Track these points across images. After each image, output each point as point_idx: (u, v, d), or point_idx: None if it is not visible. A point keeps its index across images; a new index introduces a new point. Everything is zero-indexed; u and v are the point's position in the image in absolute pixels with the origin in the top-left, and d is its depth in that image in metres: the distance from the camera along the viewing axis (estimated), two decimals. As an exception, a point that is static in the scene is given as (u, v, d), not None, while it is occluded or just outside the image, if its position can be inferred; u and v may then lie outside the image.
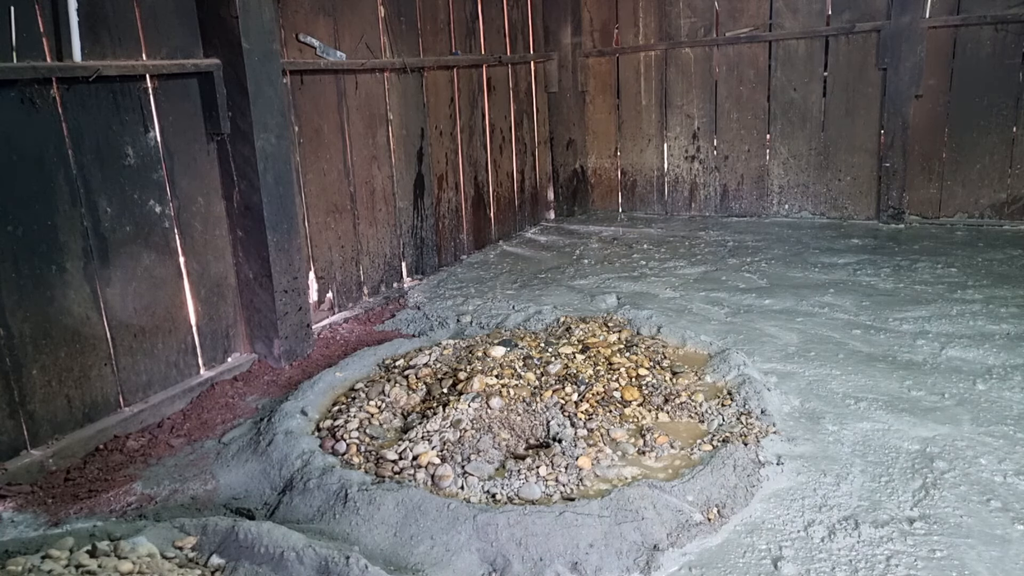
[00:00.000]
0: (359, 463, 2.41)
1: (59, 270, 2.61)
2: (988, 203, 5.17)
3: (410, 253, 4.62)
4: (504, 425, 2.53)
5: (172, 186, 3.02)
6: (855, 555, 1.96)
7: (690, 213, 6.21)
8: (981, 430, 2.53)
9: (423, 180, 4.66)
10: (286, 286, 3.35)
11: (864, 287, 4.06)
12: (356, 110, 4.05)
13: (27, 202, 2.51)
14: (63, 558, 1.73)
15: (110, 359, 2.80)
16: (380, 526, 2.07)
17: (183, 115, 3.04)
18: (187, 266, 3.11)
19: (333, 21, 3.85)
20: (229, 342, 3.34)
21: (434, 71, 4.71)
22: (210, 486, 2.44)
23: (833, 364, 3.11)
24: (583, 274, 4.66)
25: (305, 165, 3.72)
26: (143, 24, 2.86)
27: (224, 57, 3.06)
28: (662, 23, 5.98)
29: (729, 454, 2.29)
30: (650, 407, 2.71)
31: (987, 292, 3.84)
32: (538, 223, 6.24)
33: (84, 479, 2.49)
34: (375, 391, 2.83)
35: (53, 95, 2.57)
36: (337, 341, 3.73)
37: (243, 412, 2.98)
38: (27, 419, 2.53)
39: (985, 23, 4.91)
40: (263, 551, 1.83)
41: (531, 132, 6.01)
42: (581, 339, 3.23)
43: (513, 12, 5.61)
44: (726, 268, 4.61)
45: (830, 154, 5.58)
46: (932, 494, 2.19)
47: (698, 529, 2.06)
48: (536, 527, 1.97)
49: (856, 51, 5.34)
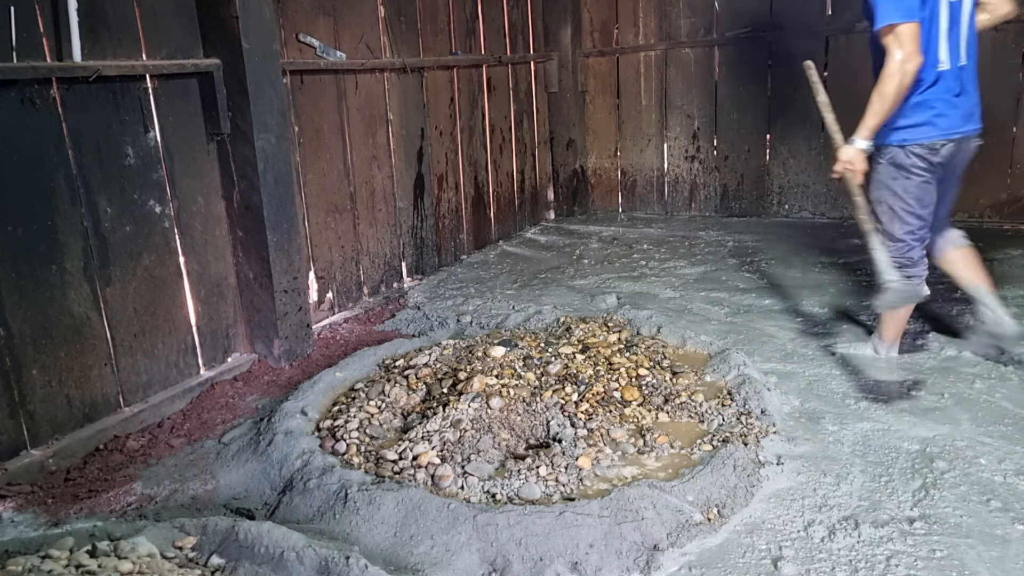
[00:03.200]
0: (359, 463, 2.41)
1: (59, 270, 2.61)
2: (988, 203, 5.17)
3: (410, 253, 4.62)
4: (504, 425, 2.53)
5: (172, 186, 3.02)
6: (855, 555, 1.96)
7: (690, 213, 6.21)
8: (980, 430, 2.53)
9: (423, 180, 4.65)
10: (286, 286, 3.35)
11: (864, 287, 4.06)
12: (356, 110, 4.05)
13: (27, 202, 2.51)
14: (63, 558, 1.73)
15: (110, 359, 2.81)
16: (380, 526, 2.08)
17: (183, 115, 3.04)
18: (187, 266, 3.11)
19: (333, 21, 3.85)
20: (229, 342, 3.34)
21: (434, 71, 4.71)
22: (210, 486, 2.44)
23: (833, 364, 3.11)
24: (583, 274, 4.66)
25: (305, 165, 3.72)
26: (143, 24, 2.86)
27: (224, 57, 3.06)
28: (662, 23, 5.98)
29: (729, 454, 2.29)
30: (650, 407, 2.71)
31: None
32: (538, 223, 6.24)
33: (84, 479, 2.49)
34: (375, 391, 2.83)
35: (53, 95, 2.57)
36: (337, 341, 3.73)
37: (243, 412, 2.98)
38: (27, 419, 2.53)
39: (985, 23, 4.91)
40: (263, 551, 1.83)
41: (531, 132, 6.01)
42: (581, 339, 3.23)
43: (513, 12, 5.61)
44: (726, 268, 4.61)
45: (830, 154, 5.56)
46: (932, 494, 2.19)
47: (698, 529, 2.06)
48: (536, 527, 1.97)
49: (856, 51, 5.33)
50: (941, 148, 2.73)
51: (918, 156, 2.74)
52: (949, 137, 2.73)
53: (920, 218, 2.82)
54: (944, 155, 2.75)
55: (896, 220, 2.83)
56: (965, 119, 2.76)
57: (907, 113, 2.72)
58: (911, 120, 2.73)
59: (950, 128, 2.73)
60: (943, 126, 2.72)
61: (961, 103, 2.74)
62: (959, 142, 2.77)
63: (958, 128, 2.74)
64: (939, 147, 2.73)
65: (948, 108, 2.71)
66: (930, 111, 2.71)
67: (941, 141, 2.73)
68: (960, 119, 2.74)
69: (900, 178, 2.79)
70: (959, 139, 2.76)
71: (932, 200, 2.83)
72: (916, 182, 2.77)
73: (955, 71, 2.71)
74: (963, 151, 2.82)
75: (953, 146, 2.76)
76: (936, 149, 2.73)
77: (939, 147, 2.73)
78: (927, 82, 2.69)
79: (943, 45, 2.68)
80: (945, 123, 2.72)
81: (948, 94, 2.71)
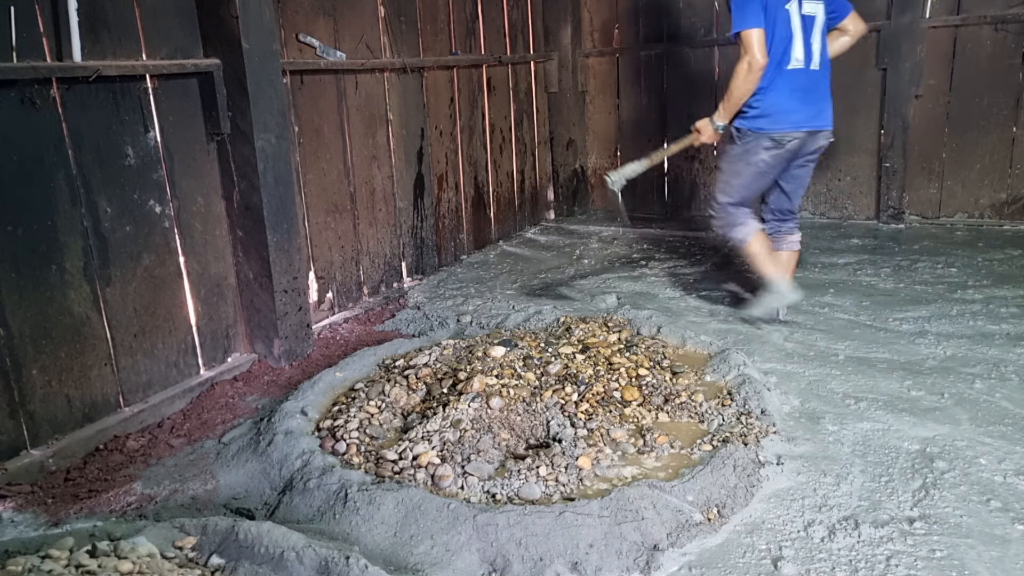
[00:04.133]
0: (359, 463, 2.41)
1: (59, 270, 2.61)
2: (988, 203, 5.17)
3: (410, 253, 4.62)
4: (504, 425, 2.53)
5: (172, 186, 3.02)
6: (855, 555, 1.96)
7: (690, 213, 6.21)
8: (980, 430, 2.53)
9: (423, 180, 4.65)
10: (286, 286, 3.35)
11: (864, 287, 4.06)
12: (356, 110, 4.05)
13: (27, 202, 2.51)
14: (63, 558, 1.73)
15: (110, 359, 2.81)
16: (380, 526, 2.08)
17: (183, 115, 3.04)
18: (187, 266, 3.11)
19: (333, 21, 3.85)
20: (229, 342, 3.34)
21: (434, 71, 4.71)
22: (210, 486, 2.44)
23: (833, 364, 3.11)
24: (583, 274, 4.66)
25: (305, 165, 3.72)
26: (143, 24, 2.86)
27: (224, 57, 3.06)
28: (662, 23, 5.98)
29: (729, 454, 2.29)
30: (650, 407, 2.71)
31: (987, 292, 3.84)
32: (538, 223, 6.24)
33: (84, 479, 2.49)
34: (375, 391, 2.83)
35: (53, 95, 2.57)
36: (337, 341, 3.73)
37: (243, 412, 2.98)
38: (27, 419, 2.53)
39: (985, 23, 4.91)
40: (263, 551, 1.83)
41: (531, 132, 6.01)
42: (581, 339, 3.23)
43: (513, 12, 5.61)
44: (726, 268, 4.61)
45: (830, 154, 5.56)
46: (932, 494, 2.19)
47: (698, 529, 2.06)
48: (536, 527, 1.97)
49: (856, 51, 5.31)
50: (788, 142, 3.21)
51: (767, 145, 3.22)
52: (798, 129, 3.20)
53: (743, 197, 3.38)
54: (790, 148, 3.23)
55: (726, 188, 3.38)
56: (813, 116, 3.22)
57: (764, 106, 3.19)
58: (767, 111, 3.19)
59: (800, 123, 3.20)
60: (794, 120, 3.19)
61: (812, 101, 3.21)
62: (806, 136, 3.23)
63: (807, 123, 3.21)
64: (787, 140, 3.20)
65: (800, 104, 3.18)
66: (784, 105, 3.17)
67: (792, 134, 3.19)
68: (809, 116, 3.21)
69: (744, 158, 3.29)
70: (806, 134, 3.22)
71: (762, 187, 3.40)
72: (757, 167, 3.28)
73: (807, 72, 3.20)
74: (811, 145, 3.29)
75: (799, 141, 3.22)
76: (783, 141, 3.20)
77: (787, 140, 3.20)
78: (779, 79, 3.16)
79: (798, 47, 3.17)
80: (796, 118, 3.19)
81: (800, 91, 3.18)
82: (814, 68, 3.22)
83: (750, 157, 3.26)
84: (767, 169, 3.28)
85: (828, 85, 3.30)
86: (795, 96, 3.17)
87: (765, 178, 3.34)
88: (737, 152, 3.31)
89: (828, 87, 3.30)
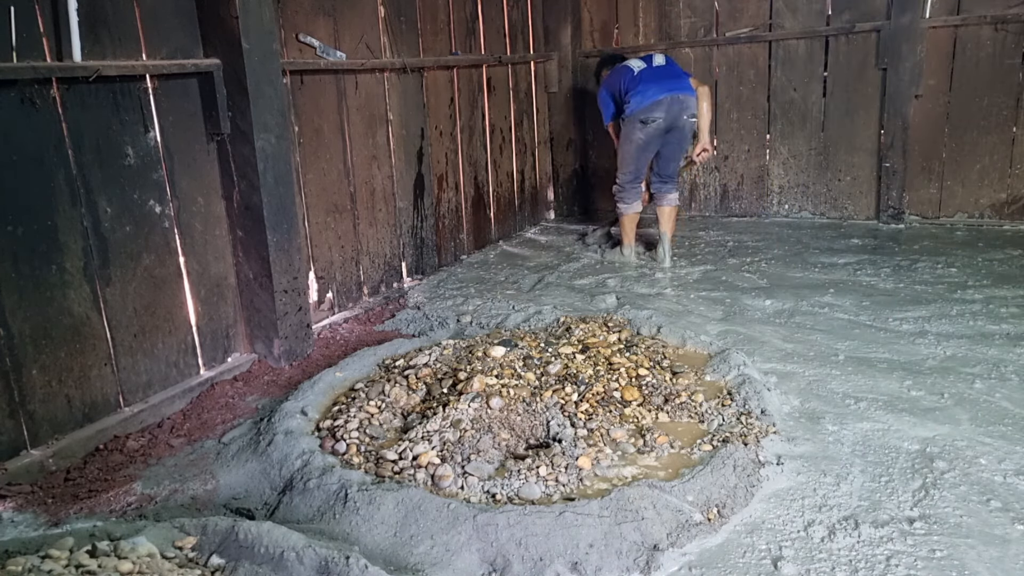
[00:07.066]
0: (359, 463, 2.41)
1: (59, 270, 2.61)
2: (988, 203, 5.17)
3: (410, 253, 4.62)
4: (504, 425, 2.53)
5: (172, 186, 3.02)
6: (855, 555, 1.96)
7: (690, 213, 6.21)
8: (980, 430, 2.53)
9: (423, 180, 4.65)
10: (286, 286, 3.35)
11: (864, 287, 4.06)
12: (356, 110, 4.05)
13: (27, 202, 2.51)
14: (63, 558, 1.73)
15: (110, 359, 2.81)
16: (380, 526, 2.08)
17: (183, 115, 3.04)
18: (187, 266, 3.11)
19: (333, 21, 3.85)
20: (229, 342, 3.34)
21: (434, 71, 4.71)
22: (210, 486, 2.44)
23: (833, 364, 3.11)
24: (583, 274, 4.66)
25: (305, 165, 3.72)
26: (143, 24, 2.86)
27: (224, 57, 3.06)
28: (662, 23, 5.98)
29: (729, 454, 2.29)
30: (650, 407, 2.71)
31: (987, 292, 3.84)
32: (538, 223, 6.24)
33: (84, 479, 2.49)
34: (375, 391, 2.83)
35: (53, 95, 2.57)
36: (337, 341, 3.73)
37: (243, 412, 2.98)
38: (27, 419, 2.53)
39: (985, 23, 4.92)
40: (263, 551, 1.83)
41: (531, 132, 6.01)
42: (581, 339, 3.23)
43: (513, 12, 5.61)
44: (726, 268, 4.61)
45: (830, 154, 5.58)
46: (932, 494, 2.19)
47: (698, 529, 2.06)
48: (536, 527, 1.97)
49: (856, 51, 5.34)
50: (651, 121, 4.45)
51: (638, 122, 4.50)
52: (654, 100, 4.41)
53: (637, 168, 4.68)
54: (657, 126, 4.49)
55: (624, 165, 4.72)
56: (659, 90, 4.41)
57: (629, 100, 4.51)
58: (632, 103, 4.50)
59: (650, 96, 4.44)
60: (649, 94, 4.44)
61: (660, 82, 4.45)
62: (667, 109, 4.41)
63: (657, 95, 4.41)
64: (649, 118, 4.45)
65: (647, 87, 4.45)
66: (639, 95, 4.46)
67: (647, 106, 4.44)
68: (655, 91, 4.42)
69: (628, 137, 4.58)
70: (665, 104, 4.40)
71: (646, 160, 4.66)
72: (637, 143, 4.55)
73: (651, 69, 4.53)
74: (676, 121, 4.47)
75: (662, 118, 4.43)
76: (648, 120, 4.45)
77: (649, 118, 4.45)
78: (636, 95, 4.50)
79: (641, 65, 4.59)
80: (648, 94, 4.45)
81: (650, 82, 4.46)
82: (658, 64, 4.59)
83: (629, 135, 4.56)
84: (645, 144, 4.54)
85: (676, 70, 4.60)
86: (646, 86, 4.46)
87: (644, 153, 4.60)
88: (623, 133, 4.60)
89: (677, 71, 4.59)
